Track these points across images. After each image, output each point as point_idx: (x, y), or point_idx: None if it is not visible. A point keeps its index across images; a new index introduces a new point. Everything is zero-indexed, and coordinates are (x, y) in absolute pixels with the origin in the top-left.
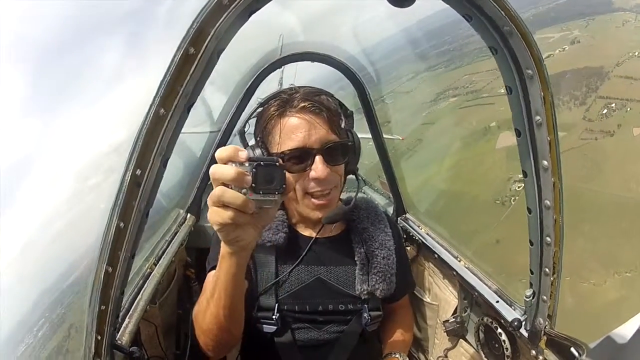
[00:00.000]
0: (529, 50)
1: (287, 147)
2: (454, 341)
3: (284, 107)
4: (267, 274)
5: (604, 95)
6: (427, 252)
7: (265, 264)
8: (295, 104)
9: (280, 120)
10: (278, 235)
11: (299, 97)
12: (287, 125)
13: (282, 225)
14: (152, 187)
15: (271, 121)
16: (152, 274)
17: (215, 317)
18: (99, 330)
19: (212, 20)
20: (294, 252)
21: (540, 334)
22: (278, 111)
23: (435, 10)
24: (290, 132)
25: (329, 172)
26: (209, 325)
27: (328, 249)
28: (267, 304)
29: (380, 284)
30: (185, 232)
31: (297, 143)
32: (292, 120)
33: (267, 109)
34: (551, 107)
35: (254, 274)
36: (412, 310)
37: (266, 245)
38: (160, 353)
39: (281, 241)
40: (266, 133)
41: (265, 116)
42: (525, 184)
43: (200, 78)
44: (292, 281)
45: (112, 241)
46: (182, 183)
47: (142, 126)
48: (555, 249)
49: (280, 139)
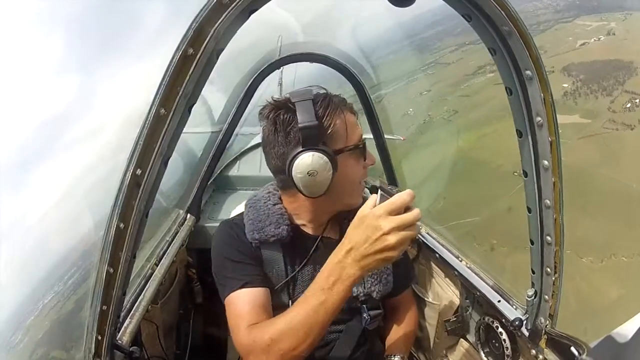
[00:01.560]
0: (528, 51)
1: (354, 140)
2: (455, 340)
3: (340, 106)
4: (276, 271)
5: (630, 90)
6: (428, 252)
7: (274, 261)
8: (344, 103)
9: (344, 117)
10: (280, 229)
11: (336, 97)
12: (350, 120)
13: (281, 218)
14: (152, 187)
15: (337, 118)
16: (153, 275)
17: (311, 342)
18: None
19: (212, 19)
20: (300, 249)
21: (541, 334)
22: (338, 109)
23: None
24: (353, 127)
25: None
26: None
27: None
28: (281, 302)
29: (375, 285)
30: (185, 232)
31: (359, 136)
32: (351, 117)
33: (329, 107)
34: (551, 108)
35: (265, 271)
36: (415, 306)
37: (270, 241)
38: (160, 353)
39: (284, 234)
40: (334, 130)
41: (332, 114)
42: (526, 184)
43: (200, 78)
44: (303, 280)
45: (112, 242)
46: (181, 183)
47: (142, 126)
48: (556, 248)
49: (348, 134)
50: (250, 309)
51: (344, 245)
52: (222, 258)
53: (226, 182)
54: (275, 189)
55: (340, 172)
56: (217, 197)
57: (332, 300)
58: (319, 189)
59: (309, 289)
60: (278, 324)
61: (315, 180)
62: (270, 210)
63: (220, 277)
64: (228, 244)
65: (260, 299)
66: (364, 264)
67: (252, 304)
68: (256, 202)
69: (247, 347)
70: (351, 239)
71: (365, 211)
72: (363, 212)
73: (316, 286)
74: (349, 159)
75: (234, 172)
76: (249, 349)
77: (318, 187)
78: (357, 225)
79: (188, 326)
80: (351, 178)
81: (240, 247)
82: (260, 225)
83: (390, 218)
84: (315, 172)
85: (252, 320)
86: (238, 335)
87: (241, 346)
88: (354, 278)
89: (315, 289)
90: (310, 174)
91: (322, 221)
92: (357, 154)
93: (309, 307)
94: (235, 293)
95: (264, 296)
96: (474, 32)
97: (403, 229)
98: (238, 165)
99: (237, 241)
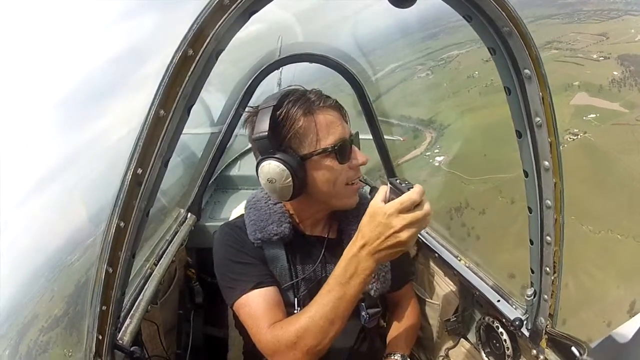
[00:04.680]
0: (527, 51)
1: (329, 142)
2: (455, 340)
3: (310, 107)
4: (280, 269)
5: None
6: (428, 251)
7: (277, 259)
8: (320, 102)
9: (313, 119)
10: (283, 227)
11: (314, 95)
12: (322, 122)
13: (283, 217)
14: (152, 186)
15: (300, 122)
16: (153, 274)
17: (333, 335)
18: (100, 330)
19: (213, 21)
20: (300, 247)
21: (542, 333)
22: (305, 111)
23: None
24: (328, 128)
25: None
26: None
27: (329, 250)
28: (287, 300)
29: (373, 283)
30: (185, 231)
31: (338, 136)
32: (325, 117)
33: (290, 111)
34: (550, 108)
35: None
36: (416, 301)
37: (273, 240)
38: (161, 352)
39: (287, 232)
40: (298, 134)
41: (293, 118)
42: (526, 184)
43: (199, 79)
44: (306, 279)
45: (112, 241)
46: (182, 182)
47: (142, 126)
48: (555, 248)
49: (318, 137)
50: (267, 308)
51: (358, 240)
52: (227, 260)
53: (227, 182)
54: None
55: (314, 176)
56: (218, 196)
57: (350, 293)
58: (283, 194)
59: (326, 284)
60: (301, 320)
61: (276, 186)
62: (271, 209)
63: (226, 279)
64: (232, 246)
65: (274, 298)
66: (378, 257)
67: (267, 304)
68: (256, 202)
69: (272, 347)
70: (364, 234)
71: (376, 206)
72: (373, 207)
73: (334, 281)
74: (323, 162)
75: (235, 171)
76: (274, 348)
77: (281, 193)
78: (369, 221)
79: (188, 326)
80: (330, 181)
81: (245, 248)
82: (262, 225)
83: (401, 216)
84: (274, 179)
85: (271, 320)
86: (259, 336)
87: (265, 346)
88: (370, 271)
89: (333, 284)
90: (270, 181)
91: (318, 220)
92: (332, 156)
93: (330, 302)
94: (248, 295)
95: (276, 295)
96: (552, 9)
97: (414, 225)
98: (239, 165)
99: (241, 243)
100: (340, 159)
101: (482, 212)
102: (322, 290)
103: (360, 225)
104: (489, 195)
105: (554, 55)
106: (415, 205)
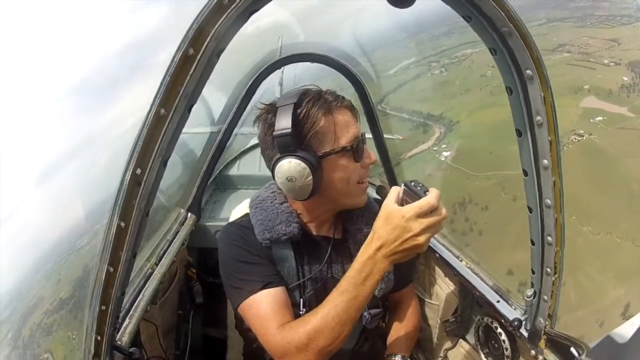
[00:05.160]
0: (528, 51)
1: (346, 140)
2: (454, 341)
3: (329, 106)
4: (287, 269)
5: None
6: (428, 251)
7: (285, 259)
8: (338, 103)
9: (332, 118)
10: (292, 227)
11: (331, 96)
12: (340, 121)
13: (291, 216)
14: (152, 186)
15: (321, 121)
16: (153, 274)
17: (344, 337)
18: (98, 331)
19: (212, 20)
20: (308, 249)
21: (541, 334)
22: (325, 111)
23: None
24: (346, 127)
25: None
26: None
27: (335, 249)
28: (293, 300)
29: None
30: (186, 231)
31: (353, 135)
32: (343, 117)
33: (311, 110)
34: (551, 108)
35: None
36: (417, 302)
37: (282, 240)
38: (160, 353)
39: (295, 232)
40: (318, 133)
41: (314, 117)
42: (526, 183)
43: (200, 79)
44: (312, 279)
45: (113, 241)
46: (182, 182)
47: (142, 126)
48: (556, 249)
49: (337, 136)
50: (277, 309)
51: (374, 242)
52: (234, 260)
53: (226, 181)
54: (278, 188)
55: (330, 175)
56: (218, 196)
57: (362, 294)
58: (301, 193)
59: (339, 285)
60: (312, 322)
61: (295, 185)
62: (278, 209)
63: (233, 279)
64: (239, 246)
65: (283, 299)
66: (393, 259)
67: (276, 305)
68: (262, 202)
69: (281, 348)
70: (380, 235)
71: (392, 208)
72: (389, 208)
73: (347, 282)
74: (339, 161)
75: (234, 171)
76: (284, 349)
77: (300, 192)
78: (385, 223)
79: (187, 326)
80: (344, 179)
81: (252, 248)
82: (270, 225)
83: (420, 221)
84: (294, 178)
85: (281, 321)
86: (268, 337)
87: (275, 348)
88: (384, 272)
89: (347, 285)
90: (289, 180)
91: (324, 220)
92: (348, 154)
93: (343, 303)
94: (256, 295)
95: (285, 295)
96: (565, 12)
97: (430, 229)
98: (238, 165)
99: (248, 242)
100: (357, 157)
101: (485, 207)
102: (334, 291)
103: (374, 226)
104: (492, 192)
105: (565, 59)
106: (432, 210)
